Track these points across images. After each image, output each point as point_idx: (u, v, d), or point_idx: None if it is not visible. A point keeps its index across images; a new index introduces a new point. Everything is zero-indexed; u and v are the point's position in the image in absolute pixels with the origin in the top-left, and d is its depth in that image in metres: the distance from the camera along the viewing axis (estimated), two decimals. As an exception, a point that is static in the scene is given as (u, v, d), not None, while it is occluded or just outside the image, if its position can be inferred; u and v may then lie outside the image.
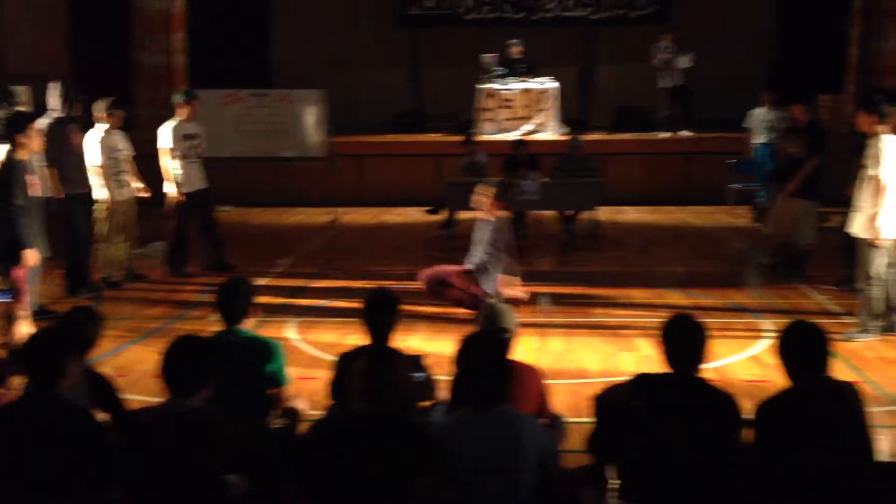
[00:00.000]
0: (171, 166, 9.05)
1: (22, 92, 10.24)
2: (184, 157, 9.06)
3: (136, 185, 8.92)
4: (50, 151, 7.76)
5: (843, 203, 7.83)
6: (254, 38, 17.11)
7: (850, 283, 8.11)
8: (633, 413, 3.73)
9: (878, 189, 6.54)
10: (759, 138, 12.43)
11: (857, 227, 6.71)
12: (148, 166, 9.37)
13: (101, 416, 4.15)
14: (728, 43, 17.09)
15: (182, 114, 9.15)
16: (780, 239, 9.00)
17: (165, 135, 9.06)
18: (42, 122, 7.74)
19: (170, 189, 9.07)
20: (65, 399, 3.62)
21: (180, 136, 9.05)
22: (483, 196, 7.70)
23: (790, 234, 8.80)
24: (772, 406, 3.69)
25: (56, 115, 8.22)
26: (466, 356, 3.66)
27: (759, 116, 12.49)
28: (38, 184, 6.75)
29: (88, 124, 8.63)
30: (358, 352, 4.38)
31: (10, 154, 6.55)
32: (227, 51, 15.99)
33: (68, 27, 14.64)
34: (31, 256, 6.49)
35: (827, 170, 8.79)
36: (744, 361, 6.40)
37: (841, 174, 7.89)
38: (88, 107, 8.57)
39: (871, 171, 6.59)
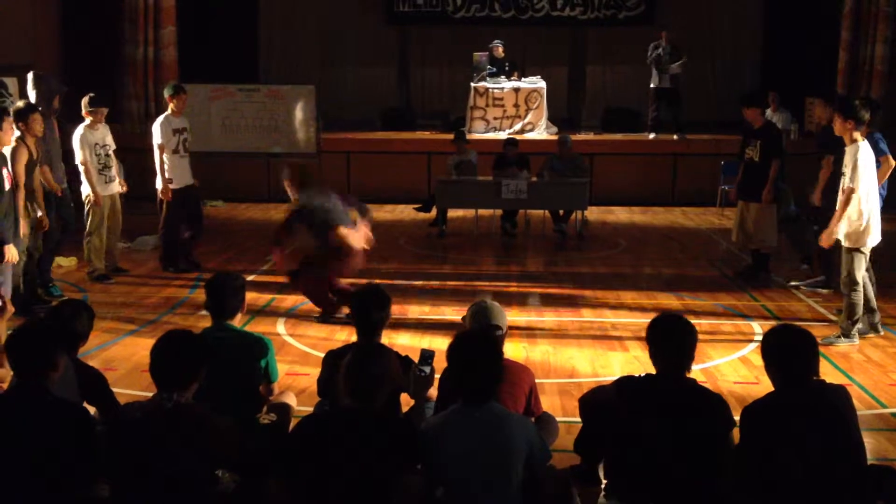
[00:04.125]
0: (160, 161, 9.01)
1: (10, 84, 10.13)
2: (173, 151, 9.02)
3: (117, 181, 8.86)
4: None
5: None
6: (242, 33, 17.06)
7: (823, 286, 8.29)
8: (616, 414, 3.73)
9: (848, 196, 6.56)
10: None
11: (841, 233, 6.71)
12: (136, 159, 9.33)
13: (91, 409, 4.13)
14: (716, 45, 17.18)
15: (170, 108, 9.11)
16: (745, 243, 9.06)
17: (156, 130, 9.05)
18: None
19: (159, 183, 9.02)
20: (53, 393, 3.58)
21: (170, 131, 9.01)
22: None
23: (752, 237, 8.83)
24: (757, 409, 3.69)
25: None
26: (460, 352, 3.64)
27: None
28: (9, 177, 6.52)
29: (63, 117, 8.56)
30: (346, 349, 4.37)
31: None
32: (215, 45, 15.93)
33: (59, 19, 14.54)
34: (8, 253, 6.20)
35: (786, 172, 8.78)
36: (733, 363, 6.41)
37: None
38: (66, 100, 8.46)
39: (845, 179, 6.60)
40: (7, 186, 6.31)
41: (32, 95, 8.16)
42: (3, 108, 6.94)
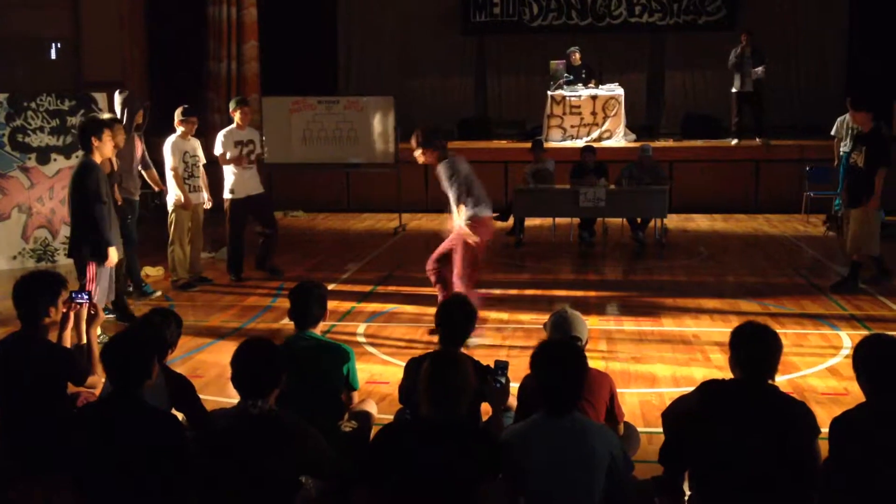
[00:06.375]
0: (225, 171, 9.26)
1: (100, 99, 10.50)
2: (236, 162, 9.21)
3: (204, 193, 9.10)
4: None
5: None
6: (322, 45, 17.33)
7: None
8: (702, 420, 3.67)
9: None
10: (846, 145, 12.03)
11: None
12: (218, 171, 9.57)
13: (178, 416, 4.23)
14: (800, 48, 16.76)
15: (235, 120, 9.32)
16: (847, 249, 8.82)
17: (217, 141, 9.27)
18: None
19: (225, 194, 9.27)
20: (146, 401, 3.67)
21: (231, 143, 9.21)
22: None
23: (852, 243, 8.58)
24: (846, 421, 3.59)
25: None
26: (544, 362, 3.63)
27: (847, 123, 11.43)
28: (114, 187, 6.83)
29: (148, 132, 8.83)
30: (427, 357, 4.39)
31: (85, 156, 6.67)
32: (296, 58, 16.22)
33: (144, 36, 15.01)
34: (113, 254, 6.62)
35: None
36: (821, 373, 6.25)
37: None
38: (147, 115, 8.66)
39: None
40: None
41: (119, 112, 8.38)
42: (105, 120, 7.13)
